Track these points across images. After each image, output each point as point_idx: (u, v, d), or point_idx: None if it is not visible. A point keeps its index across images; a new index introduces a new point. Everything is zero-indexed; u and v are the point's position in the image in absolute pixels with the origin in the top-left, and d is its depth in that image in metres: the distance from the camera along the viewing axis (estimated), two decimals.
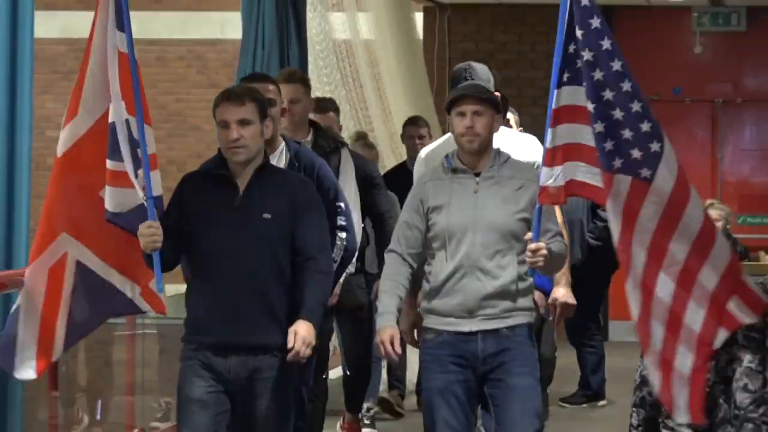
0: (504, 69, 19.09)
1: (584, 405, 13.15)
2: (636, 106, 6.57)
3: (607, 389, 13.94)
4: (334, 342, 10.85)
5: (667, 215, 6.49)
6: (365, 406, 11.30)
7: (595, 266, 13.40)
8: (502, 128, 7.28)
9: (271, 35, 14.01)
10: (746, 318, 6.70)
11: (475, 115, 6.66)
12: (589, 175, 6.54)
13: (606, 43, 6.60)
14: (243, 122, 6.18)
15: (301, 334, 5.97)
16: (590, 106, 6.52)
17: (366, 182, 9.50)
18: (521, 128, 10.01)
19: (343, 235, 7.70)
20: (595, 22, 6.54)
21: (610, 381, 14.02)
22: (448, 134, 7.46)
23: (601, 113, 6.50)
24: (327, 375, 9.98)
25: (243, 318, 6.18)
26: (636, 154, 6.53)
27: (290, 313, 6.27)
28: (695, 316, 6.48)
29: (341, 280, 8.12)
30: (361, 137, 13.08)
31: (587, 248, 13.82)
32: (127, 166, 6.41)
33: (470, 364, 6.66)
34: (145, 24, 17.85)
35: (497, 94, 7.32)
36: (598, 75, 6.54)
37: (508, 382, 6.59)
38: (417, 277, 6.93)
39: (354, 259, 8.44)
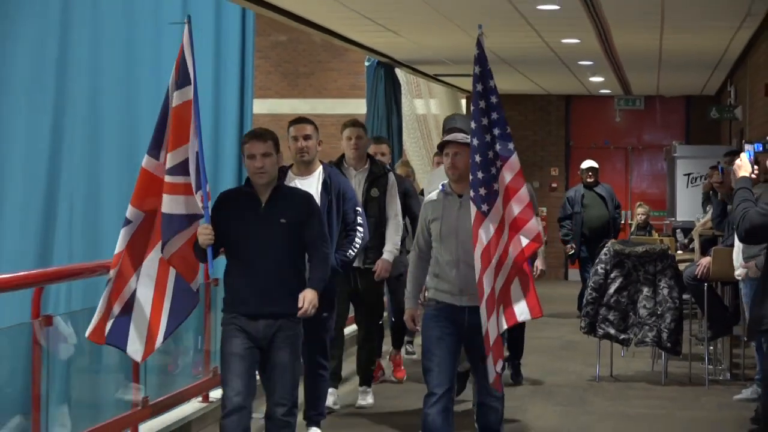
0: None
1: None
2: (490, 153, 7.20)
3: None
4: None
5: (496, 234, 7.22)
6: (406, 339, 12.62)
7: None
8: None
9: (382, 111, 18.51)
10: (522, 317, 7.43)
11: (455, 155, 7.44)
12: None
13: (487, 101, 7.31)
14: (265, 155, 7.12)
15: (308, 298, 7.19)
16: (474, 142, 7.25)
17: (403, 194, 10.64)
18: None
19: (361, 229, 9.03)
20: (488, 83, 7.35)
21: None
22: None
23: (474, 151, 7.24)
24: (382, 320, 11.21)
25: (267, 293, 7.18)
26: (482, 191, 7.21)
27: (300, 288, 7.28)
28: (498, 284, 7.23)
29: (355, 257, 9.22)
30: (404, 162, 14.13)
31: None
32: (193, 182, 7.12)
33: (455, 324, 7.52)
34: (313, 106, 19.80)
35: None
36: (484, 121, 7.25)
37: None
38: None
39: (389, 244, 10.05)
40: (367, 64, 18.43)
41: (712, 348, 12.53)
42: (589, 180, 16.59)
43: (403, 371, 11.88)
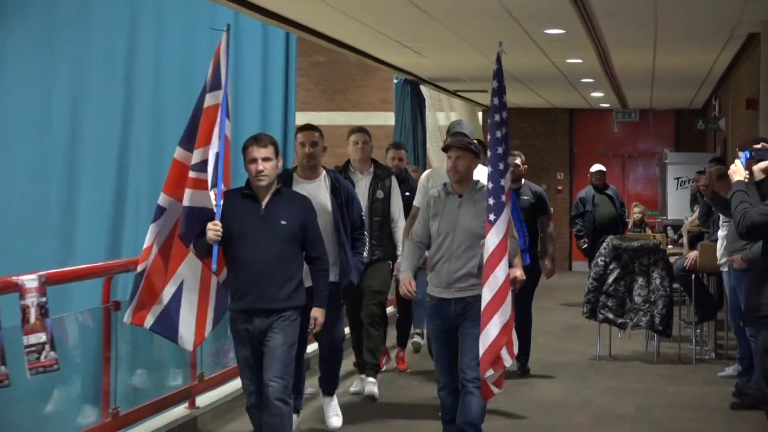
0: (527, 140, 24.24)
1: None
2: (501, 165, 6.99)
3: None
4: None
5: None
6: (413, 332, 12.07)
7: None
8: (480, 166, 7.59)
9: (408, 123, 18.50)
10: (507, 361, 7.05)
11: (457, 158, 7.22)
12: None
13: (498, 116, 7.11)
14: (265, 159, 6.69)
15: (320, 320, 7.00)
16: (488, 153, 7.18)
17: (412, 192, 9.83)
18: (525, 165, 11.14)
19: (366, 232, 8.58)
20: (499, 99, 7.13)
21: None
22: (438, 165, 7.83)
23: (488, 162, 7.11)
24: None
25: (264, 291, 6.74)
26: (491, 200, 6.98)
27: (296, 287, 6.90)
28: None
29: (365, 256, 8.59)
30: (414, 169, 13.14)
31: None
32: (209, 180, 6.79)
33: (445, 319, 7.31)
34: (348, 118, 19.45)
35: (477, 141, 7.77)
36: (498, 134, 7.06)
37: (465, 332, 7.18)
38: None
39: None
40: (395, 81, 18.42)
41: (698, 331, 12.54)
42: (598, 182, 16.44)
43: (405, 365, 11.33)
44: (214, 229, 6.68)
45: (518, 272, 7.67)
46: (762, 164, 6.45)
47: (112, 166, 11.17)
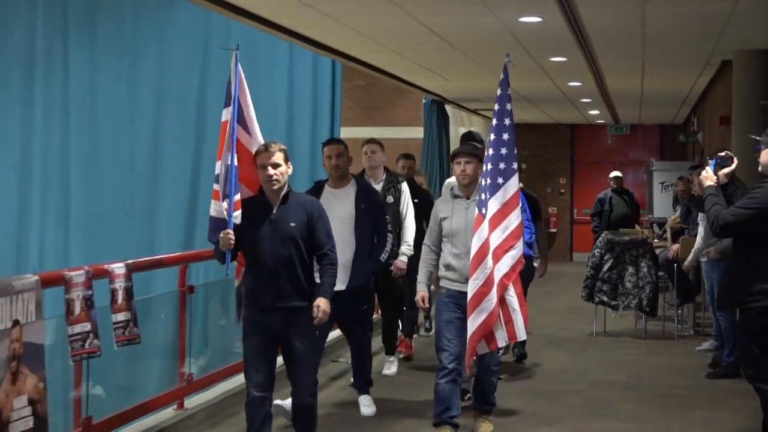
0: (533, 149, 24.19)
1: None
2: (501, 165, 6.63)
3: None
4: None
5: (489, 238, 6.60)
6: (425, 321, 11.77)
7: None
8: None
9: (435, 136, 18.35)
10: (502, 341, 6.78)
11: (466, 163, 6.84)
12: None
13: (505, 121, 6.68)
14: (275, 165, 5.99)
15: (322, 307, 6.03)
16: (489, 152, 6.69)
17: (419, 197, 9.42)
18: (523, 174, 9.63)
19: (390, 235, 7.94)
20: (507, 107, 6.69)
21: None
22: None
23: (486, 159, 6.69)
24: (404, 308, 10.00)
25: (280, 291, 6.04)
26: (483, 196, 6.63)
27: (309, 284, 6.18)
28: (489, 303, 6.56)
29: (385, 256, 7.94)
30: (417, 172, 12.22)
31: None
32: (221, 191, 6.06)
33: (462, 309, 6.80)
34: (384, 133, 17.53)
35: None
36: (497, 136, 6.65)
37: None
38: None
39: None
40: (424, 101, 18.32)
41: (679, 312, 12.46)
42: (615, 185, 16.26)
43: (411, 350, 10.39)
44: (226, 238, 5.96)
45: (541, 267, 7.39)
46: (725, 170, 6.36)
47: (187, 171, 11.06)
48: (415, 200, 9.05)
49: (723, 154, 6.45)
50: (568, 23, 9.59)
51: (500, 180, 6.68)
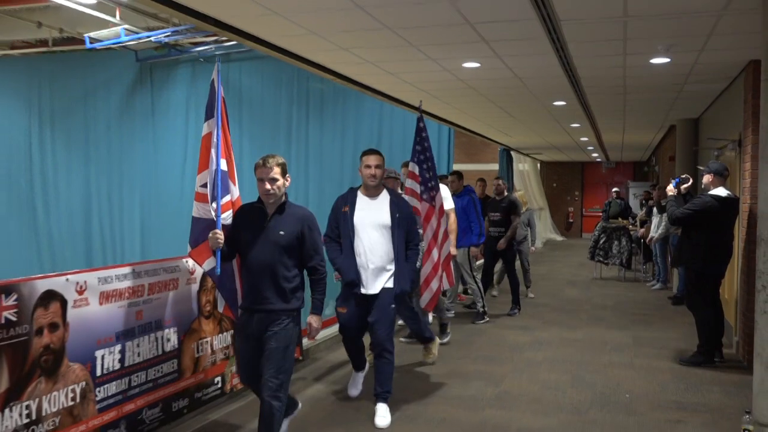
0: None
1: None
2: (429, 176, 5.01)
3: None
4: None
5: (435, 223, 5.06)
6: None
7: None
8: (443, 186, 5.95)
9: (505, 169, 15.94)
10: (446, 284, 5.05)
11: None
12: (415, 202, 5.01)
13: (425, 147, 5.03)
14: (272, 180, 3.76)
15: (314, 326, 3.86)
16: (416, 170, 5.05)
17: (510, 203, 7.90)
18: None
19: (420, 244, 4.88)
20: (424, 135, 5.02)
21: None
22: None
23: (421, 177, 5.04)
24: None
25: (262, 293, 3.74)
26: (426, 196, 5.02)
27: (293, 291, 3.77)
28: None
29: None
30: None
31: None
32: (209, 195, 3.84)
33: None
34: (476, 167, 17.72)
35: (455, 172, 6.65)
36: (426, 162, 5.01)
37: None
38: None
39: None
40: (499, 149, 17.41)
41: (644, 267, 11.68)
42: (614, 196, 15.12)
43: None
44: (214, 237, 3.84)
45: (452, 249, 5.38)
46: (684, 185, 5.96)
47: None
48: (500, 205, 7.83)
49: (684, 176, 6.08)
50: (581, 104, 9.00)
51: (425, 196, 5.09)
